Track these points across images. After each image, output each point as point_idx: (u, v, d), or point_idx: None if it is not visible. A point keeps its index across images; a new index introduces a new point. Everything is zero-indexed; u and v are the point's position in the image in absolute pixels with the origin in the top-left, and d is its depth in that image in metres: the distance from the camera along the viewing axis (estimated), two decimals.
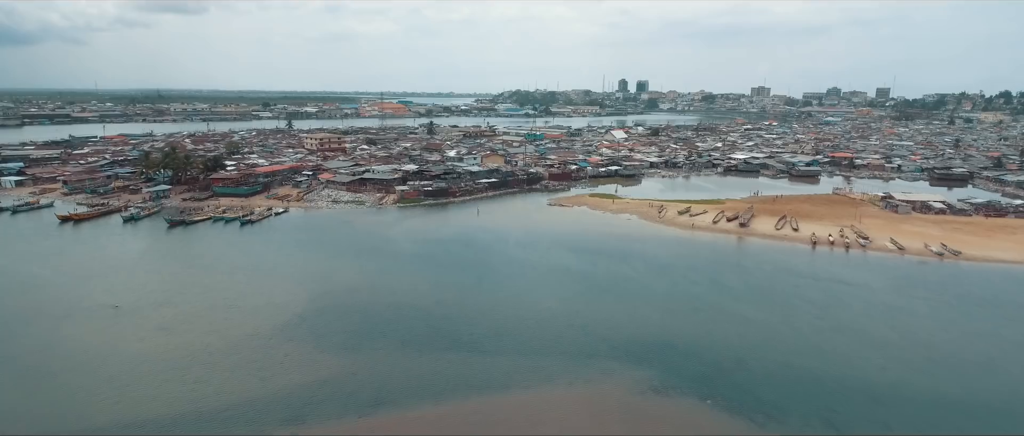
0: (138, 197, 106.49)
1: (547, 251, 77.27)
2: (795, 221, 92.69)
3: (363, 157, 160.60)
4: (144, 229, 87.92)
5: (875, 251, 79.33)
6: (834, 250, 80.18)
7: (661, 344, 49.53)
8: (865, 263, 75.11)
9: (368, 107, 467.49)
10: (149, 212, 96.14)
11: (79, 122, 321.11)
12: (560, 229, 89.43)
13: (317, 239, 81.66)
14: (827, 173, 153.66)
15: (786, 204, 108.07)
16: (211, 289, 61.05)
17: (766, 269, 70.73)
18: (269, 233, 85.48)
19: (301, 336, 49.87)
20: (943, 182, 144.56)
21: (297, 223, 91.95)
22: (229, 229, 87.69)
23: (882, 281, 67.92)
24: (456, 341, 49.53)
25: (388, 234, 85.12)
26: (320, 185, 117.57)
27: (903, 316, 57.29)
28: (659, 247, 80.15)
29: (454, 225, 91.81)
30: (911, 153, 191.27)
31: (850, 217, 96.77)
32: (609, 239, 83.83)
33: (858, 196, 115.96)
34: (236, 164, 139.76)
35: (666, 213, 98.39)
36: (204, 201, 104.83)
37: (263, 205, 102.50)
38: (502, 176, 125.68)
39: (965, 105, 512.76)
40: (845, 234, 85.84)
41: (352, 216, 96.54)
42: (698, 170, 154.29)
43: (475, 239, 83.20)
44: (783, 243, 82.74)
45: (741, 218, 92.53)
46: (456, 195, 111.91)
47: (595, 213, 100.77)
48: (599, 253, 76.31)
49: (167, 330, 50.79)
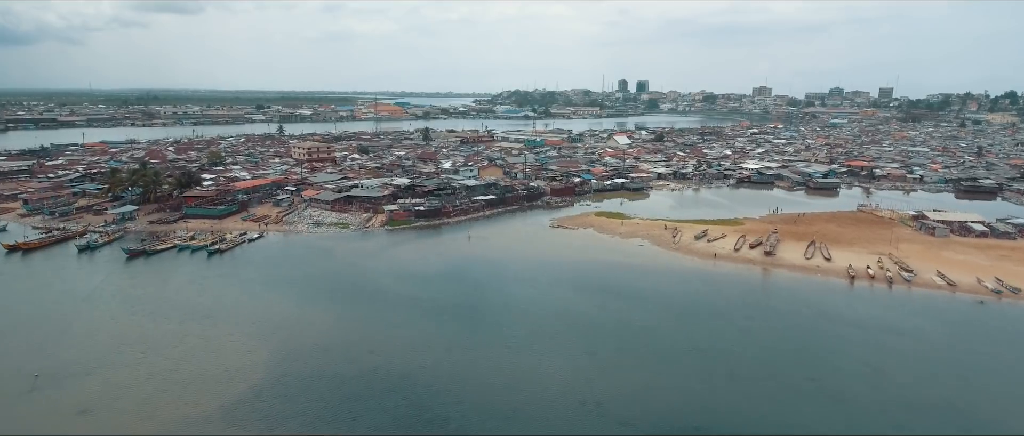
0: (102, 219, 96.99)
1: (550, 289, 67.96)
2: (825, 247, 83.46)
3: (353, 168, 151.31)
4: (100, 260, 78.48)
5: (921, 287, 70.00)
6: (874, 285, 70.92)
7: (696, 428, 40.31)
8: (913, 303, 65.85)
9: (364, 109, 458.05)
10: (109, 238, 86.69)
11: (65, 127, 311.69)
12: (564, 258, 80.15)
13: (290, 275, 72.14)
14: (845, 185, 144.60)
15: (811, 224, 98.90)
16: (155, 347, 51.70)
17: (803, 314, 61.39)
18: (238, 266, 76.05)
19: (251, 420, 40.55)
20: (970, 195, 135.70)
21: (271, 252, 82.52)
22: (195, 260, 78.29)
23: (938, 329, 58.73)
24: (442, 425, 40.31)
25: (371, 267, 75.72)
26: (302, 203, 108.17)
27: (976, 379, 48.04)
28: (677, 283, 70.86)
29: (445, 254, 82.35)
30: (929, 161, 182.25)
31: (883, 241, 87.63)
32: (620, 272, 74.55)
33: (887, 214, 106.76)
34: (215, 178, 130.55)
35: (681, 237, 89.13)
36: (173, 224, 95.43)
37: (237, 228, 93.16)
38: (500, 192, 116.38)
39: (970, 106, 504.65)
40: (884, 264, 76.67)
41: (334, 242, 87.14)
42: (709, 182, 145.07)
43: (468, 273, 73.86)
44: (816, 277, 73.44)
45: (766, 245, 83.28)
46: (450, 215, 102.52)
47: (602, 237, 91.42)
48: (610, 292, 66.98)
49: (87, 413, 41.45)
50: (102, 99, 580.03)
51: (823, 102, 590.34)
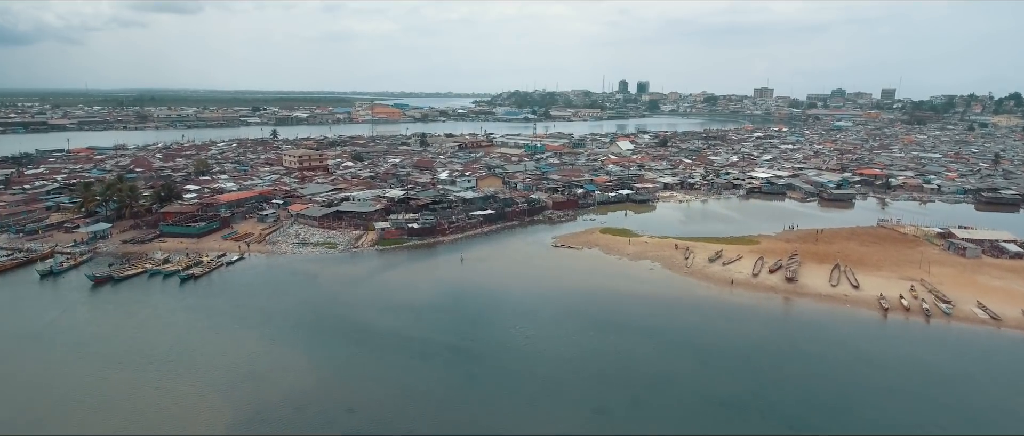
0: (72, 238, 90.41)
1: (553, 325, 61.49)
2: (851, 272, 77.02)
3: (345, 177, 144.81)
4: (63, 288, 71.95)
5: (962, 321, 63.53)
6: (910, 318, 64.49)
7: None
8: (955, 341, 59.53)
9: (361, 111, 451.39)
10: (76, 261, 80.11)
11: (56, 130, 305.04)
12: (568, 284, 73.66)
13: (267, 307, 65.44)
14: (859, 195, 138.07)
15: (831, 243, 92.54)
16: (104, 402, 45.28)
17: (838, 358, 54.84)
18: (211, 295, 69.52)
19: None
20: (991, 207, 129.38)
21: (250, 278, 75.93)
22: (165, 288, 71.78)
23: (988, 375, 52.31)
24: None
25: (357, 298, 69.14)
26: (289, 219, 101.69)
27: None
28: (693, 316, 64.39)
29: (439, 281, 75.72)
30: (944, 169, 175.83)
31: (912, 263, 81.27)
32: (630, 303, 68.03)
33: (910, 231, 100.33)
34: (200, 189, 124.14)
35: (694, 259, 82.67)
36: (148, 243, 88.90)
37: (216, 248, 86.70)
38: (499, 206, 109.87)
39: (975, 108, 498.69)
40: (917, 293, 70.21)
41: (319, 266, 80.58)
42: (717, 192, 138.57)
43: (463, 305, 67.35)
44: (845, 308, 66.94)
45: (787, 269, 76.84)
46: (445, 232, 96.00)
47: (609, 259, 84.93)
48: (620, 328, 60.55)
49: None
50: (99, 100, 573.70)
51: (825, 103, 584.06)
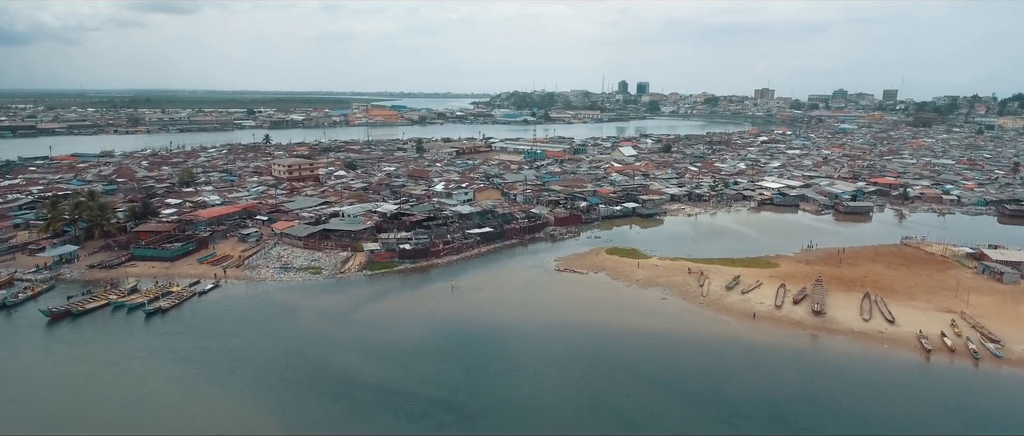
0: (36, 262, 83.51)
1: (559, 373, 54.66)
2: (883, 301, 70.34)
3: (336, 189, 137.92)
4: (14, 325, 64.98)
5: (1015, 366, 56.71)
6: (955, 361, 57.75)
7: None
8: (1012, 392, 52.88)
9: (358, 113, 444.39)
10: (34, 292, 73.11)
11: (46, 134, 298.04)
12: (573, 320, 66.68)
13: (238, 350, 58.43)
14: (876, 206, 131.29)
15: (855, 265, 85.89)
16: None
17: (884, 416, 48.02)
18: (178, 332, 62.58)
19: None
20: (1015, 220, 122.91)
21: (222, 311, 68.83)
22: (129, 324, 64.86)
23: None
24: None
25: (338, 337, 62.16)
26: (272, 238, 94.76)
27: None
28: (714, 359, 57.61)
29: (431, 316, 68.37)
30: (960, 176, 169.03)
31: (946, 290, 74.79)
32: (643, 342, 61.19)
33: (937, 250, 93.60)
34: (181, 203, 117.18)
35: (710, 286, 75.90)
36: (116, 269, 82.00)
37: (191, 274, 79.89)
38: (498, 222, 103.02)
39: (978, 109, 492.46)
40: (959, 328, 63.52)
41: (300, 296, 73.56)
42: (727, 204, 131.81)
43: (457, 347, 60.41)
44: (882, 348, 60.17)
45: (812, 300, 70.10)
46: (440, 254, 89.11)
47: (617, 285, 78.06)
48: (633, 377, 53.74)
49: None
50: (94, 101, 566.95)
51: (827, 105, 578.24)
